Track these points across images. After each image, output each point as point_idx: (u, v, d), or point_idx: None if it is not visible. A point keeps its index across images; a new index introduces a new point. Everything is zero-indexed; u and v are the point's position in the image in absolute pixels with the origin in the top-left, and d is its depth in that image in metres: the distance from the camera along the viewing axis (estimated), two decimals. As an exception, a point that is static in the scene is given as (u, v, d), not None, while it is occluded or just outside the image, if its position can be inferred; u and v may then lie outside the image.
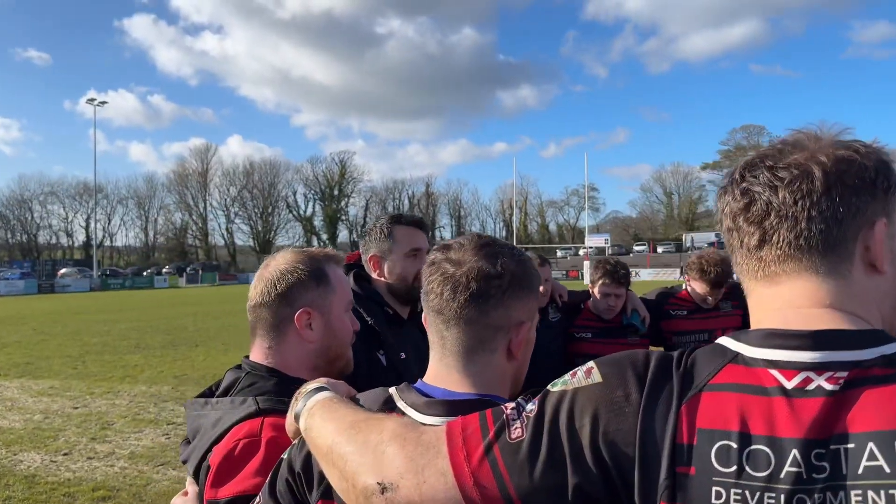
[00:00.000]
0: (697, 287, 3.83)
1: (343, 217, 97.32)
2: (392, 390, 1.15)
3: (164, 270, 71.47)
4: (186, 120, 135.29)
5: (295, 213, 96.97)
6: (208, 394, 1.51)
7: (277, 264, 1.52)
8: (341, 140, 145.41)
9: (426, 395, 1.11)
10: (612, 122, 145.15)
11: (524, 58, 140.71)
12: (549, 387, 0.93)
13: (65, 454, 6.71)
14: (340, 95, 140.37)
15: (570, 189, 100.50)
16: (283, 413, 1.29)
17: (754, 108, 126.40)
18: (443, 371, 1.14)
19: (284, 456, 1.17)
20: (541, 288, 3.74)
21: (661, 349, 3.76)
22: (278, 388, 1.39)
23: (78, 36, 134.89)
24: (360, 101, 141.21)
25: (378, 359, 2.20)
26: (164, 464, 6.30)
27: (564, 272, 44.94)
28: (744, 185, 0.91)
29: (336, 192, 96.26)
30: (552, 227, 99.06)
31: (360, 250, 2.34)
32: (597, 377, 0.89)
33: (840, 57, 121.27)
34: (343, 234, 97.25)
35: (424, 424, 1.00)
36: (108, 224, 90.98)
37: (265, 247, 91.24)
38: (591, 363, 0.92)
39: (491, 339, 1.12)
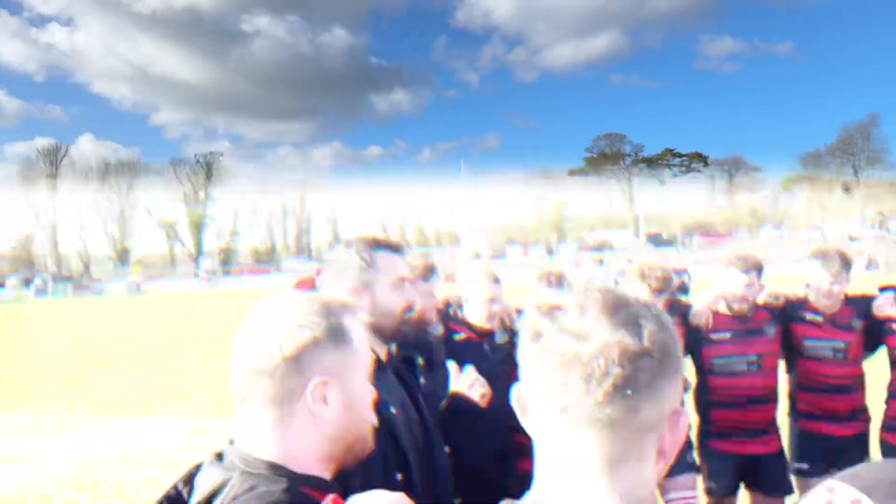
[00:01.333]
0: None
1: (210, 222, 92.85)
2: None
3: (7, 282, 64.86)
4: (32, 118, 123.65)
5: (156, 217, 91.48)
6: (176, 499, 1.09)
7: (282, 316, 1.12)
8: (206, 141, 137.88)
9: None
10: (484, 127, 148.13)
11: (397, 61, 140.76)
12: None
13: None
14: (205, 94, 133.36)
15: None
16: None
17: (616, 116, 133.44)
18: (573, 487, 0.81)
19: None
20: (495, 307, 3.48)
21: None
22: (290, 496, 1.01)
23: None
24: (227, 101, 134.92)
25: None
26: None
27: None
28: None
29: (202, 196, 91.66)
30: (428, 230, 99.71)
31: (327, 281, 1.91)
32: None
33: (691, 68, 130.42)
34: (210, 241, 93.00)
35: None
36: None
37: (122, 255, 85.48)
38: (853, 493, 0.68)
39: (640, 441, 0.79)
